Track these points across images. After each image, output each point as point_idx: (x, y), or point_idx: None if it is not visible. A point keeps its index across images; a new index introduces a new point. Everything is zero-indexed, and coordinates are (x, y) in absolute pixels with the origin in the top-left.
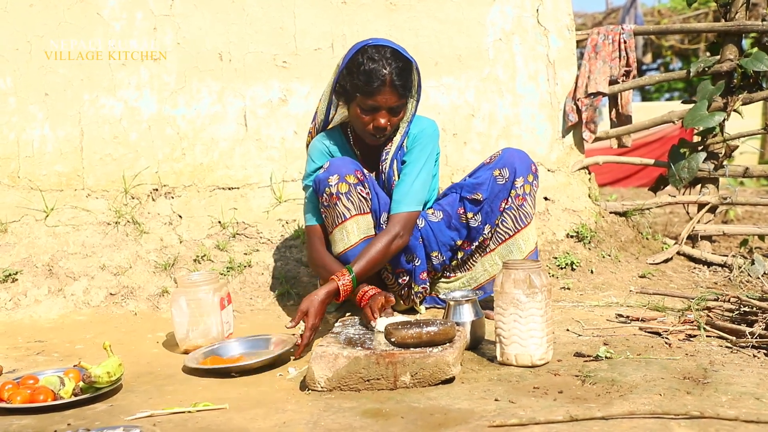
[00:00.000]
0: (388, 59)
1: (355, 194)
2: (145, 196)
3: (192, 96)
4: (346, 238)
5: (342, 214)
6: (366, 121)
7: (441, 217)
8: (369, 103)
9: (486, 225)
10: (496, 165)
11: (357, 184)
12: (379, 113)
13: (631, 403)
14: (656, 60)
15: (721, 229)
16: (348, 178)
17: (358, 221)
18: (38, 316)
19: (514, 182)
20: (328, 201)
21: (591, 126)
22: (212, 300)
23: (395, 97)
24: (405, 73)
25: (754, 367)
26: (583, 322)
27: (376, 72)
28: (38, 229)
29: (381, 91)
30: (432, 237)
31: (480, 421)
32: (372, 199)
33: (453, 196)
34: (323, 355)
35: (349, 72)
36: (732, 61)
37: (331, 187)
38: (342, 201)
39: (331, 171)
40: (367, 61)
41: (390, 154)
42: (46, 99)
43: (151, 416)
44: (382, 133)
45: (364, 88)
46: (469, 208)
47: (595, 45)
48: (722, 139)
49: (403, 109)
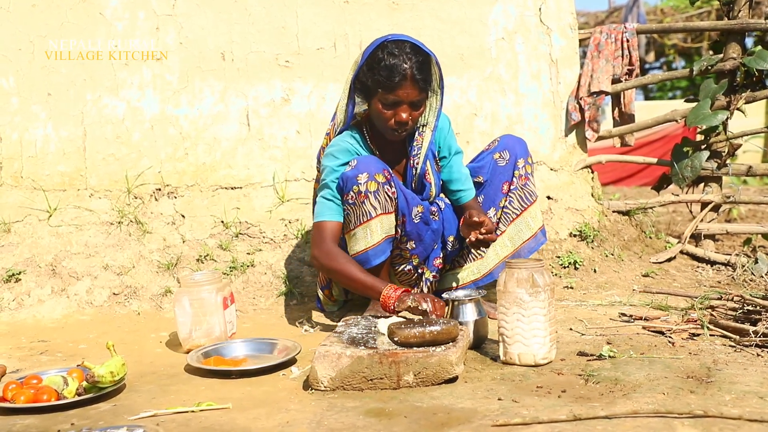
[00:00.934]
0: (408, 54)
1: (383, 193)
2: (147, 195)
3: (194, 96)
4: (369, 237)
5: (368, 213)
6: (388, 117)
7: (447, 204)
8: (390, 98)
9: (490, 208)
10: (495, 149)
11: (385, 183)
12: (401, 108)
13: (634, 402)
14: (659, 59)
15: (724, 228)
16: (377, 176)
17: (382, 220)
18: (41, 315)
19: (516, 163)
20: (355, 199)
21: (594, 125)
22: (215, 300)
23: (416, 91)
24: (425, 67)
25: (757, 366)
26: (587, 321)
27: (396, 67)
28: (41, 229)
29: (402, 85)
30: (451, 220)
31: (483, 420)
32: (398, 198)
33: None
34: (326, 355)
35: (370, 68)
36: (735, 59)
37: (360, 185)
38: (369, 199)
39: (359, 169)
40: (388, 56)
41: (423, 149)
42: (48, 99)
43: (154, 416)
44: (404, 128)
45: (386, 83)
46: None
47: (597, 44)
48: (725, 137)
49: (423, 103)
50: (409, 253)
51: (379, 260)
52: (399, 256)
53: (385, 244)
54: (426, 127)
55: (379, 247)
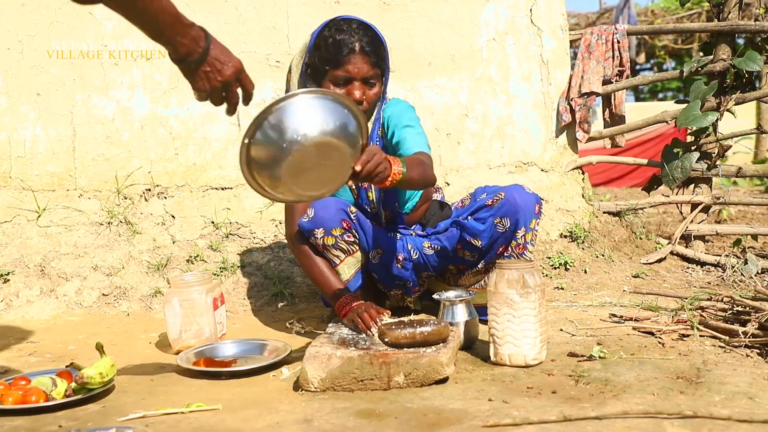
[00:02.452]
0: (355, 29)
1: (343, 243)
2: (137, 196)
3: (185, 96)
4: (339, 276)
5: (332, 261)
6: None
7: (436, 251)
8: (340, 74)
9: (481, 261)
10: (497, 212)
11: (343, 233)
12: (353, 85)
13: (624, 402)
14: (650, 60)
15: (714, 229)
16: (334, 231)
17: (347, 262)
18: (30, 316)
19: (515, 233)
20: (317, 246)
21: (584, 126)
22: (205, 300)
23: (367, 65)
24: (375, 42)
25: (747, 366)
26: (577, 322)
27: (344, 41)
28: (30, 230)
29: (351, 60)
30: (423, 265)
31: (473, 421)
32: (360, 239)
33: (453, 232)
34: (317, 356)
35: (317, 48)
36: (725, 60)
37: (317, 239)
38: (330, 251)
39: (316, 223)
40: (335, 32)
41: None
42: (38, 99)
43: (143, 417)
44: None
45: (334, 59)
46: (467, 247)
47: (588, 45)
48: (715, 138)
49: (378, 83)
50: (376, 279)
51: (353, 290)
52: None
53: (356, 278)
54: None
55: (350, 282)
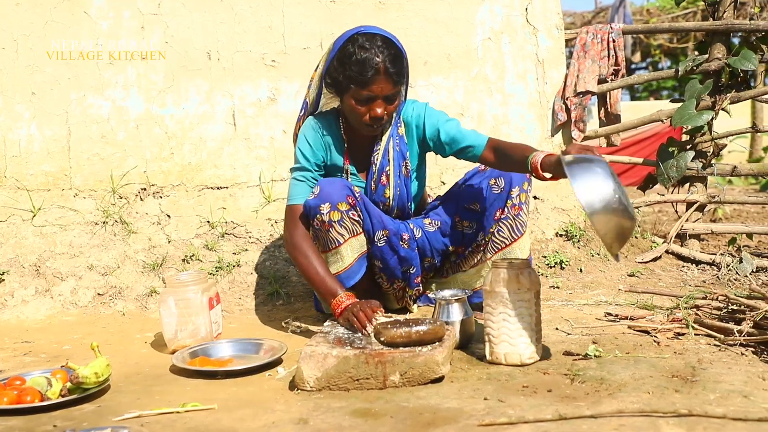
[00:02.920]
0: (380, 47)
1: (348, 220)
2: (133, 195)
3: (180, 95)
4: (340, 261)
5: (336, 240)
6: (362, 112)
7: (438, 227)
8: (364, 93)
9: (479, 233)
10: (491, 175)
11: (349, 210)
12: (375, 103)
13: (619, 401)
14: (645, 59)
15: (709, 228)
16: (340, 206)
17: (351, 243)
18: (25, 316)
19: (510, 192)
20: (320, 226)
21: (580, 125)
22: (201, 300)
23: (390, 84)
24: (398, 60)
25: (742, 365)
26: (572, 321)
27: (369, 61)
28: (25, 229)
29: (375, 80)
30: (427, 245)
31: (469, 420)
32: (364, 220)
33: (450, 205)
34: (312, 355)
35: (341, 63)
36: (720, 60)
37: (323, 215)
38: (335, 228)
39: (322, 198)
40: (359, 50)
41: (382, 145)
42: (33, 98)
43: (139, 417)
44: (380, 123)
45: (358, 78)
46: (465, 216)
47: (584, 44)
48: (710, 137)
49: (398, 97)
50: (378, 270)
51: (354, 281)
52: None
53: (357, 265)
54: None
55: (352, 268)
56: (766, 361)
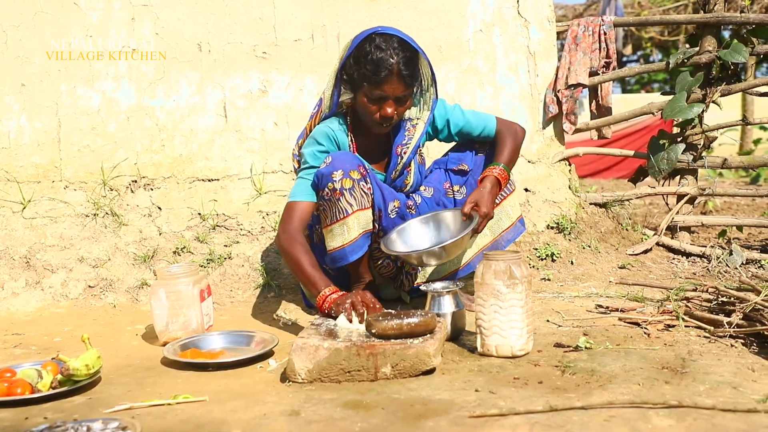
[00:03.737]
0: (395, 48)
1: (359, 190)
2: (123, 187)
3: (171, 87)
4: (346, 233)
5: (344, 210)
6: (373, 111)
7: (432, 194)
8: (376, 92)
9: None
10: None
11: (360, 179)
12: (387, 103)
13: (610, 392)
14: (636, 52)
15: (699, 220)
16: (352, 173)
17: (358, 216)
18: (15, 308)
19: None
20: (330, 195)
21: (571, 117)
22: (192, 292)
23: (402, 86)
24: (412, 63)
25: (731, 356)
26: (563, 313)
27: (383, 61)
28: (15, 221)
29: (388, 80)
30: (427, 213)
31: (460, 411)
32: (375, 193)
33: (438, 172)
34: (304, 347)
35: (356, 61)
36: (711, 52)
37: (335, 182)
38: (345, 196)
39: (334, 166)
40: (375, 50)
41: (413, 141)
42: (22, 90)
43: (130, 409)
44: (389, 122)
45: (372, 77)
46: (455, 181)
47: (575, 36)
48: (701, 130)
49: (409, 98)
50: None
51: (357, 256)
52: (378, 250)
53: (362, 240)
54: (420, 120)
55: (356, 243)
56: (756, 353)
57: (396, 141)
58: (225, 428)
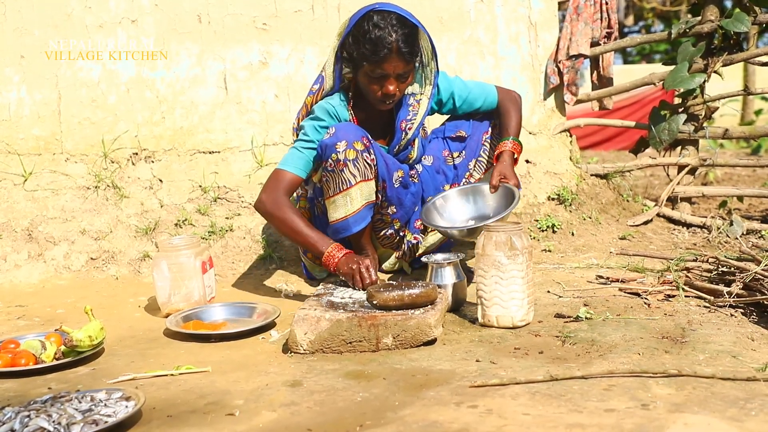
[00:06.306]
0: (394, 26)
1: (362, 161)
2: (124, 160)
3: (171, 58)
4: (349, 204)
5: (348, 181)
6: (375, 89)
7: (432, 162)
8: (377, 71)
9: (471, 160)
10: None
11: (364, 150)
12: (388, 80)
13: (610, 362)
14: (638, 22)
15: (700, 191)
16: (356, 144)
17: (362, 187)
18: (18, 280)
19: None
20: (334, 166)
21: (572, 88)
22: (194, 264)
23: (402, 63)
24: (411, 39)
25: (731, 326)
26: (564, 284)
27: (382, 40)
28: (17, 194)
29: (388, 59)
30: (429, 182)
31: (461, 381)
32: (379, 164)
33: (437, 141)
34: (306, 318)
35: (355, 40)
36: (713, 22)
37: (339, 153)
38: (348, 167)
39: (338, 137)
40: (373, 28)
41: (418, 117)
42: (22, 62)
43: (133, 379)
44: (392, 98)
45: (371, 56)
46: (454, 148)
47: (576, 6)
48: (702, 100)
49: (411, 74)
50: (390, 218)
51: (360, 227)
52: (380, 221)
53: (365, 211)
54: (423, 96)
55: (359, 213)
56: (755, 322)
57: (399, 116)
58: (228, 398)
